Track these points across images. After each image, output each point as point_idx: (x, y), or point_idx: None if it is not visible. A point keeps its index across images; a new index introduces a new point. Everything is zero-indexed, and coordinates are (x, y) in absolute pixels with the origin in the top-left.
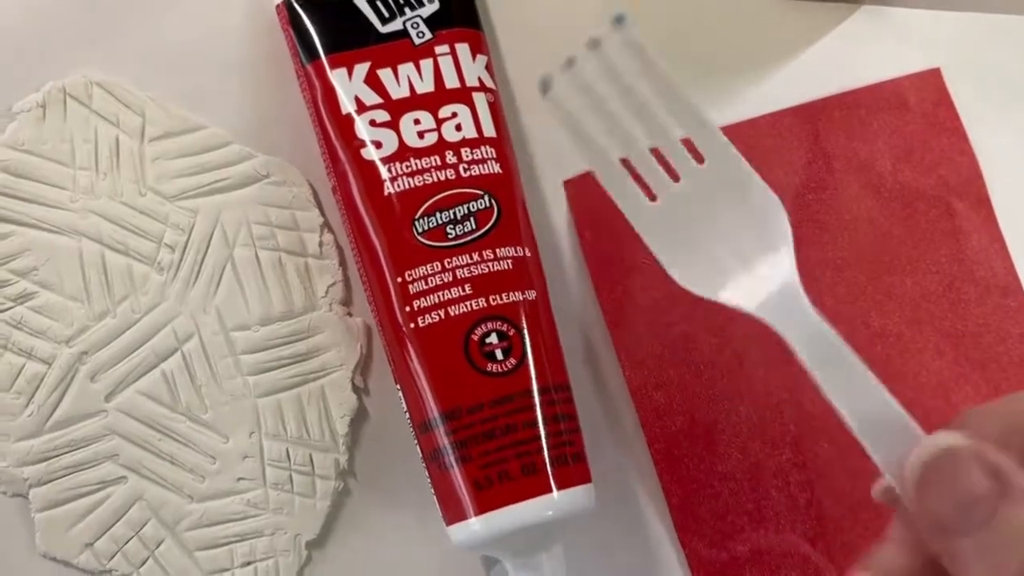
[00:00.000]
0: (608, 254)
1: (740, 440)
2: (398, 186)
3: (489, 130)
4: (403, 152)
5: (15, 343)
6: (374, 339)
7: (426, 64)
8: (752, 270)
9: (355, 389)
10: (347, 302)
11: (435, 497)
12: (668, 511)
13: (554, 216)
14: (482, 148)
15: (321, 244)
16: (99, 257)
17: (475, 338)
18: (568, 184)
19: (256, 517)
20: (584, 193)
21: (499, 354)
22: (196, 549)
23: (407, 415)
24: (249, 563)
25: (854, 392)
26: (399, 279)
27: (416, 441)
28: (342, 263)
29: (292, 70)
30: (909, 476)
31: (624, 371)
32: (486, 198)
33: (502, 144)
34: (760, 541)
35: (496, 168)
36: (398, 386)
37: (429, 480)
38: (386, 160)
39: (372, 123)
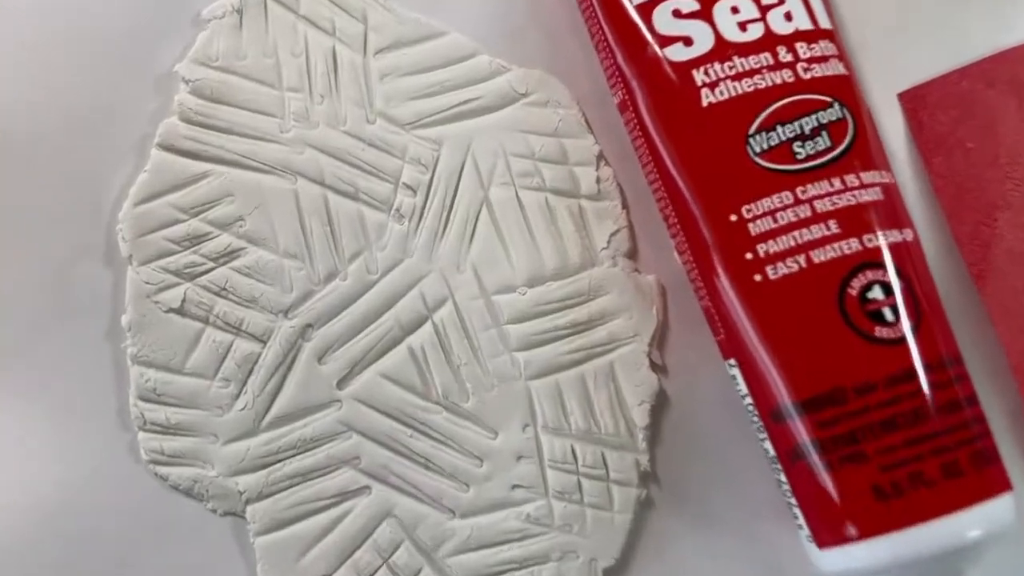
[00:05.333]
0: (964, 185)
1: None
2: (720, 93)
3: (824, 20)
4: (722, 49)
5: (220, 315)
6: (669, 302)
7: None
8: None
9: (653, 367)
10: (633, 254)
11: (798, 510)
12: None
13: (887, 138)
14: (820, 43)
15: (598, 180)
16: (321, 202)
17: (853, 292)
18: (906, 97)
19: (538, 537)
20: (928, 108)
21: (888, 313)
22: None
23: (746, 400)
24: None
25: None
26: (733, 216)
27: (764, 434)
28: (625, 205)
29: None
30: None
31: (1001, 338)
32: (836, 106)
33: (839, 39)
34: None
35: (840, 68)
36: (731, 360)
37: (784, 486)
38: (700, 61)
39: (676, 13)
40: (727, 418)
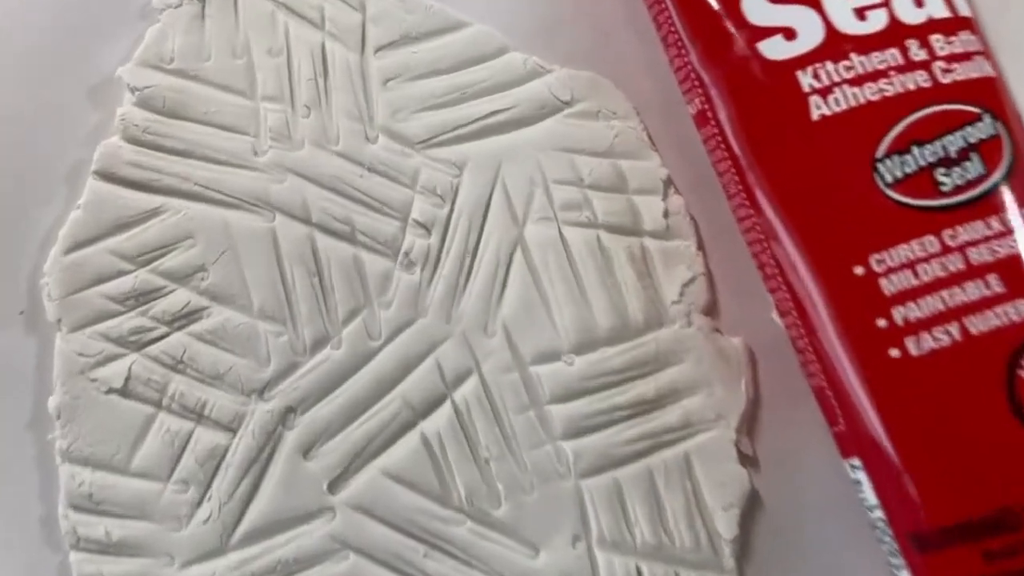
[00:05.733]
0: None
1: None
2: (835, 103)
3: (963, 6)
4: (836, 43)
5: (175, 397)
6: (762, 373)
7: None
8: None
9: (742, 459)
10: (713, 310)
11: None
12: None
13: None
14: (960, 35)
15: (667, 213)
16: (307, 246)
17: None
18: None
19: None
20: None
21: None
22: None
23: (875, 513)
24: None
25: None
26: (858, 269)
27: (899, 559)
28: (701, 245)
29: None
30: None
31: None
32: (987, 119)
33: (981, 30)
34: None
35: (987, 68)
36: (854, 460)
37: None
38: (807, 59)
39: None
40: (840, 529)
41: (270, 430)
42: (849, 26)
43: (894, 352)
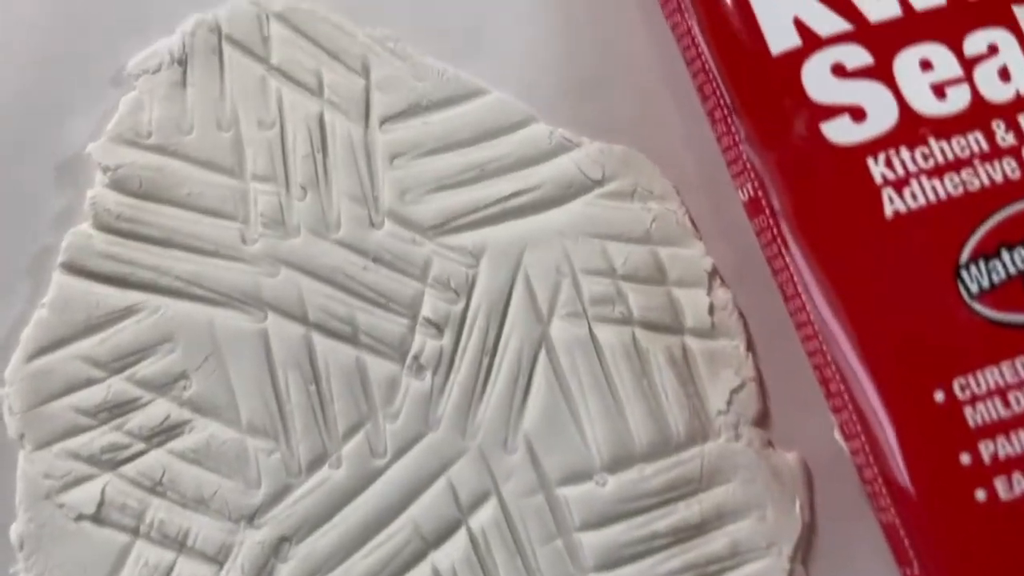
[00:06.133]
0: None
1: None
2: (912, 198)
3: None
4: (912, 126)
5: (154, 524)
6: (819, 494)
7: None
8: None
9: None
10: (764, 421)
11: None
12: None
13: None
14: None
15: (712, 310)
16: (302, 349)
17: None
18: None
19: None
20: None
21: None
22: None
23: None
24: None
25: None
26: (939, 395)
27: None
28: (751, 346)
29: None
30: None
31: None
32: None
33: None
34: None
35: None
36: None
37: None
38: (879, 144)
39: (839, 71)
40: None
41: (261, 563)
42: (927, 106)
43: (980, 494)
